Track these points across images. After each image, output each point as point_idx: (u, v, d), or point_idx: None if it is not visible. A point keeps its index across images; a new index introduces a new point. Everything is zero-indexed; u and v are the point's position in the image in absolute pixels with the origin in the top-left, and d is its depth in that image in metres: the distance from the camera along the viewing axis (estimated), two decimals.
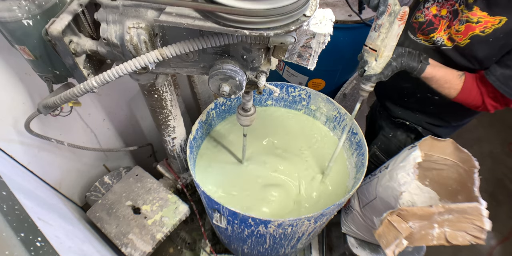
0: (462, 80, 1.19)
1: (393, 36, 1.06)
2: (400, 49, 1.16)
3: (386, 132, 1.70)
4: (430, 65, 1.17)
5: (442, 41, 1.22)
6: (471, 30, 1.12)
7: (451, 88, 1.20)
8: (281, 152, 1.51)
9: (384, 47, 1.09)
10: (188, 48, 0.72)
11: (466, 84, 1.19)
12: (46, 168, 1.46)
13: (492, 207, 1.23)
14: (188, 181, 1.70)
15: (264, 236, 1.28)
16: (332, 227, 2.02)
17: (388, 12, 1.04)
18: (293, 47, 0.98)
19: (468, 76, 1.20)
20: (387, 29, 1.06)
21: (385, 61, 1.13)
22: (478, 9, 1.10)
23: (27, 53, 0.84)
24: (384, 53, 1.10)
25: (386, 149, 1.71)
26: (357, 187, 1.21)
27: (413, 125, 1.57)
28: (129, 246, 1.43)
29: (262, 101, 1.65)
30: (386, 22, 1.06)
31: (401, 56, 1.15)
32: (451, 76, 1.19)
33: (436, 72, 1.18)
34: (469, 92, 1.19)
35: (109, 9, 0.74)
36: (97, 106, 1.58)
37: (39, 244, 0.68)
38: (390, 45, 1.09)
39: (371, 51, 1.12)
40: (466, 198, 1.29)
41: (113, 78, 0.75)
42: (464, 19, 1.14)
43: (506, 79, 1.10)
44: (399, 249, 1.14)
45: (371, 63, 1.14)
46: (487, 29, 1.09)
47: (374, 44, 1.11)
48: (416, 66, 1.16)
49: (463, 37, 1.14)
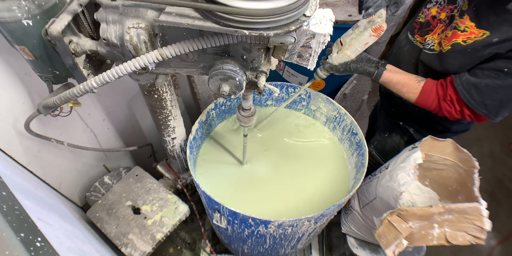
0: (421, 85, 1.21)
1: (360, 41, 1.14)
2: (362, 55, 1.23)
3: (382, 131, 1.71)
4: (386, 71, 1.22)
5: (433, 44, 1.22)
6: (455, 37, 1.11)
7: (409, 92, 1.23)
8: (281, 152, 1.51)
9: (348, 46, 1.17)
10: (188, 48, 0.72)
11: (424, 88, 1.21)
12: (46, 168, 1.46)
13: (492, 207, 1.24)
14: (188, 181, 1.70)
15: (264, 236, 1.28)
16: (332, 227, 2.02)
17: (370, 19, 1.11)
18: (293, 47, 0.98)
19: (429, 81, 1.22)
20: (360, 32, 1.13)
21: (343, 58, 1.21)
22: (468, 18, 1.09)
23: (27, 53, 0.84)
24: (346, 51, 1.18)
25: (382, 149, 1.72)
26: (357, 187, 1.21)
27: (405, 126, 1.57)
28: (129, 246, 1.43)
29: (262, 101, 1.65)
30: (362, 26, 1.13)
31: (360, 61, 1.22)
32: (408, 81, 1.22)
33: (392, 76, 1.23)
34: (427, 96, 1.21)
35: (109, 9, 0.74)
36: (97, 106, 1.58)
37: (39, 244, 0.68)
38: (354, 47, 1.17)
39: (339, 44, 1.21)
40: (466, 198, 1.29)
41: (113, 79, 0.75)
42: (453, 26, 1.13)
43: (469, 85, 1.11)
44: (399, 249, 1.14)
45: (333, 54, 1.23)
46: (469, 40, 1.08)
47: (344, 39, 1.19)
48: (373, 71, 1.23)
49: (447, 42, 1.14)
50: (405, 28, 1.43)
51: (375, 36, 1.11)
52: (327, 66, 1.25)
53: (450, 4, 1.19)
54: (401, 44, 1.39)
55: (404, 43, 1.37)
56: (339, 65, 1.23)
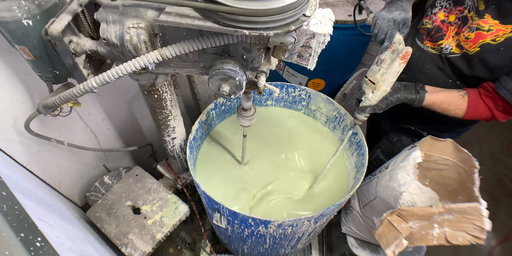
0: (466, 99, 1.18)
1: (392, 72, 1.10)
2: (397, 84, 1.18)
3: (390, 136, 1.68)
4: (428, 93, 1.18)
5: (451, 48, 1.20)
6: (481, 38, 1.09)
7: (456, 109, 1.20)
8: (281, 153, 1.51)
9: (382, 82, 1.13)
10: (188, 48, 0.72)
11: (471, 103, 1.18)
12: (46, 168, 1.46)
13: (492, 207, 1.23)
14: (188, 181, 1.70)
15: (264, 236, 1.28)
16: (332, 227, 2.02)
17: (392, 49, 1.08)
18: (293, 47, 0.98)
19: (472, 94, 1.18)
20: (388, 65, 1.10)
21: (381, 95, 1.17)
22: (489, 17, 1.07)
23: (27, 53, 0.84)
24: (381, 87, 1.14)
25: (390, 153, 1.70)
26: (357, 187, 1.21)
27: (418, 131, 1.56)
28: (129, 246, 1.43)
29: (262, 101, 1.65)
30: (388, 58, 1.10)
31: (398, 91, 1.18)
32: (452, 98, 1.19)
33: (436, 97, 1.18)
34: (476, 110, 1.18)
35: (109, 9, 0.74)
36: (97, 106, 1.58)
37: (39, 244, 0.68)
38: (388, 81, 1.13)
39: (370, 83, 1.17)
40: (466, 198, 1.29)
41: (113, 79, 0.75)
42: (475, 27, 1.11)
43: None
44: (399, 249, 1.14)
45: (368, 94, 1.18)
46: (499, 37, 1.06)
47: (374, 77, 1.15)
48: (415, 98, 1.18)
49: (472, 44, 1.12)
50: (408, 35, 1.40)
51: (405, 63, 1.08)
52: (369, 109, 1.20)
53: (457, 5, 1.17)
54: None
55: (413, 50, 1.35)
56: (379, 103, 1.19)
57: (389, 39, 1.07)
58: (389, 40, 1.07)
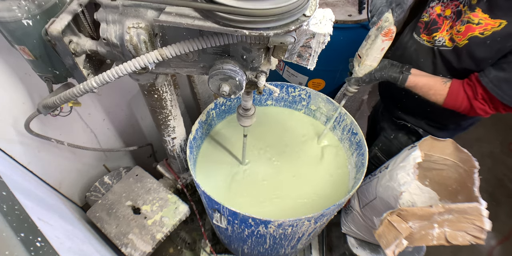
0: (448, 85, 1.21)
1: (376, 48, 1.16)
2: (385, 62, 1.24)
3: (387, 133, 1.70)
4: (412, 75, 1.22)
5: (444, 41, 1.23)
6: (470, 31, 1.12)
7: (436, 94, 1.22)
8: (281, 152, 1.51)
9: (366, 56, 1.20)
10: (188, 48, 0.72)
11: (451, 89, 1.20)
12: (46, 168, 1.46)
13: (492, 207, 1.23)
14: (188, 181, 1.70)
15: (264, 236, 1.28)
16: (332, 227, 2.02)
17: (377, 26, 1.14)
18: (293, 47, 0.98)
19: (455, 82, 1.21)
20: (372, 41, 1.16)
21: (366, 69, 1.24)
22: (480, 11, 1.10)
23: (27, 53, 0.84)
24: (365, 61, 1.21)
25: (387, 150, 1.71)
26: (357, 187, 1.21)
27: (414, 127, 1.57)
28: (129, 246, 1.43)
29: (262, 101, 1.65)
30: (372, 34, 1.16)
31: (384, 68, 1.24)
32: (434, 83, 1.22)
33: (418, 80, 1.23)
34: (455, 97, 1.20)
35: (108, 9, 0.74)
36: (97, 106, 1.58)
37: (39, 244, 0.68)
38: (372, 56, 1.19)
39: (358, 57, 1.25)
40: (466, 198, 1.29)
41: (113, 79, 0.75)
42: (466, 20, 1.14)
43: (499, 81, 1.11)
44: (399, 249, 1.14)
45: (355, 67, 1.26)
46: (487, 31, 1.09)
47: (361, 51, 1.23)
48: (398, 77, 1.23)
49: (462, 37, 1.15)
50: (408, 29, 1.42)
51: (388, 40, 1.12)
52: (353, 80, 1.29)
53: (453, 0, 1.20)
54: (406, 44, 1.39)
55: (410, 43, 1.37)
56: (364, 76, 1.26)
57: (378, 16, 1.12)
58: (378, 16, 1.12)
